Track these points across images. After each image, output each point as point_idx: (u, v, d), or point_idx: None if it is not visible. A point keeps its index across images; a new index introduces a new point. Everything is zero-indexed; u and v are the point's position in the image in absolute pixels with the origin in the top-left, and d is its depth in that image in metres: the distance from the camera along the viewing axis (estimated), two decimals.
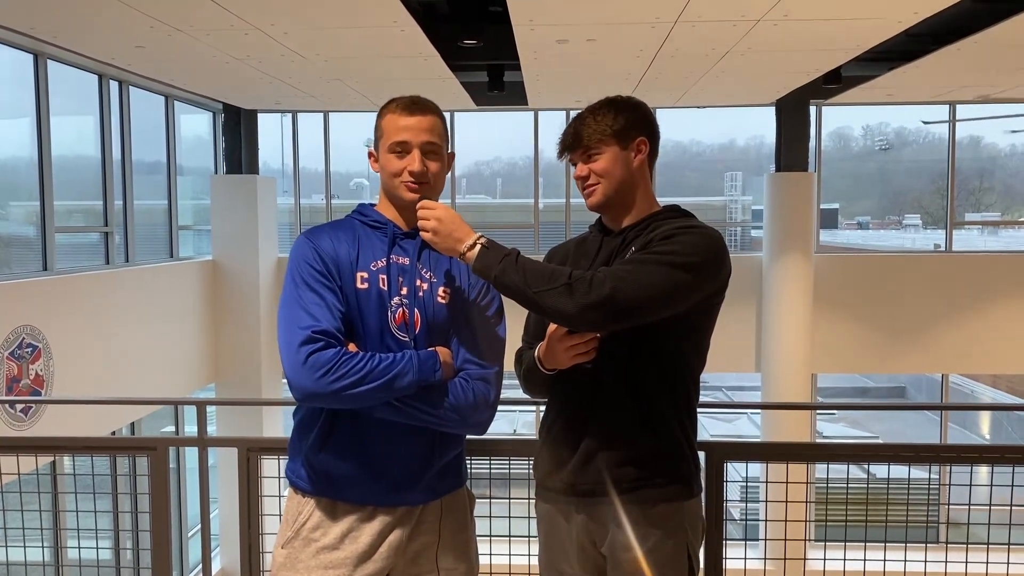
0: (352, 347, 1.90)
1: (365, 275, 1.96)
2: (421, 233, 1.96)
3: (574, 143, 2.08)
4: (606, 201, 2.08)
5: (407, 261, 2.01)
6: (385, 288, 1.96)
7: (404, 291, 1.97)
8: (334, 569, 1.94)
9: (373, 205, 2.11)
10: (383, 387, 1.85)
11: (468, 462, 2.17)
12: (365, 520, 1.96)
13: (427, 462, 1.98)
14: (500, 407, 2.05)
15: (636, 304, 1.87)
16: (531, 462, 2.25)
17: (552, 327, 2.02)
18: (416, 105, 2.01)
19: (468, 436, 2.08)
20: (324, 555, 1.95)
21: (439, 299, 2.00)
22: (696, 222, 2.06)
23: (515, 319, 2.15)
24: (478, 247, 1.91)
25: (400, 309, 1.96)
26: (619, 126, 2.05)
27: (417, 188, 1.99)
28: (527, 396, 2.31)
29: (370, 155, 2.08)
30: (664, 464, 2.03)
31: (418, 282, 1.99)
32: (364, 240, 2.01)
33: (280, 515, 2.09)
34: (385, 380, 1.85)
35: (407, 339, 1.95)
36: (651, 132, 2.11)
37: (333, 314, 1.88)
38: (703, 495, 2.15)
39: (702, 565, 2.32)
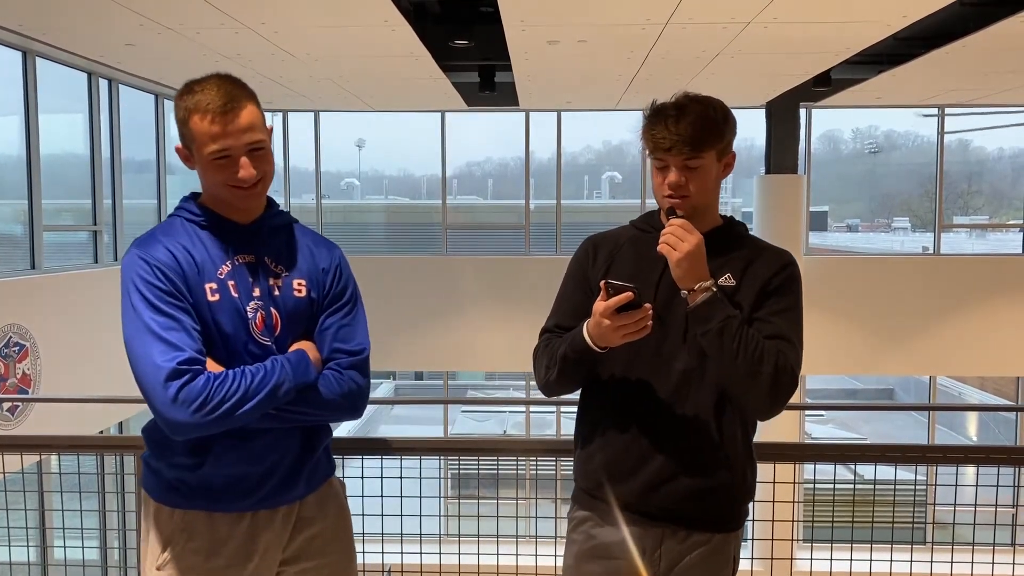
0: (212, 365, 1.73)
1: (214, 285, 1.77)
2: (662, 247, 1.80)
3: (690, 144, 1.82)
4: (691, 214, 1.88)
5: (253, 258, 1.82)
6: (237, 295, 1.78)
7: (257, 292, 1.80)
8: None
9: (197, 196, 1.86)
10: (264, 401, 1.72)
11: (457, 461, 2.16)
12: (245, 526, 1.83)
13: (306, 456, 1.89)
14: (493, 407, 2.03)
15: None
16: (518, 461, 2.21)
17: (600, 303, 1.78)
18: (228, 105, 1.70)
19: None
20: (203, 565, 1.82)
21: (295, 292, 1.84)
22: (787, 256, 1.95)
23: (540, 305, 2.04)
24: (711, 293, 1.80)
25: (259, 313, 1.80)
26: (728, 138, 1.89)
27: (248, 194, 1.78)
28: (542, 396, 2.07)
29: (179, 151, 1.80)
30: (736, 502, 1.97)
31: (271, 280, 1.83)
32: (202, 244, 1.80)
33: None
34: (264, 395, 1.72)
35: (269, 343, 1.81)
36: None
37: (193, 337, 1.71)
38: None
39: None
